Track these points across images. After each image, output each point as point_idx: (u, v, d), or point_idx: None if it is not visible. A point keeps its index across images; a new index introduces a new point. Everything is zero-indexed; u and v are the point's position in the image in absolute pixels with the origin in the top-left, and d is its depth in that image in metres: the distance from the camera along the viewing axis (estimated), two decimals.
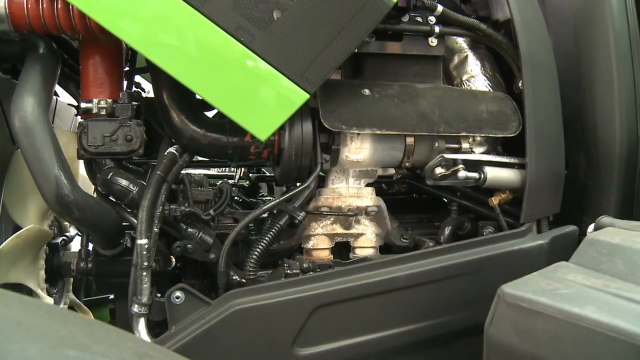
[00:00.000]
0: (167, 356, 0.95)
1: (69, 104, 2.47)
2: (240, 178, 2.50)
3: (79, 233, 2.32)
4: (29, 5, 1.67)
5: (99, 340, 0.85)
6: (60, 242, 2.15)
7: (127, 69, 2.09)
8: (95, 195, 1.85)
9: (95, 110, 1.79)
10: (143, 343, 0.97)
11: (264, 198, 2.32)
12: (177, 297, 1.71)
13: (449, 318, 1.88)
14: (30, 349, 0.73)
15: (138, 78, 2.33)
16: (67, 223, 2.26)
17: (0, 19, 1.66)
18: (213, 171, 2.87)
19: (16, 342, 0.74)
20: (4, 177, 1.77)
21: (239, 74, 1.66)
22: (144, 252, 1.66)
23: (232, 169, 2.71)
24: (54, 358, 0.75)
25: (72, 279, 2.28)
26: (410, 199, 2.58)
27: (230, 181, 2.36)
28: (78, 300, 2.38)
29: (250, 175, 2.49)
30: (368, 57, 2.05)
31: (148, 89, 2.39)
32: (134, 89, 2.12)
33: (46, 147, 1.64)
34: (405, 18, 2.04)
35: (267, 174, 2.59)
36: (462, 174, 1.93)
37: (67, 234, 2.26)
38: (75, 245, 2.29)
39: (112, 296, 2.28)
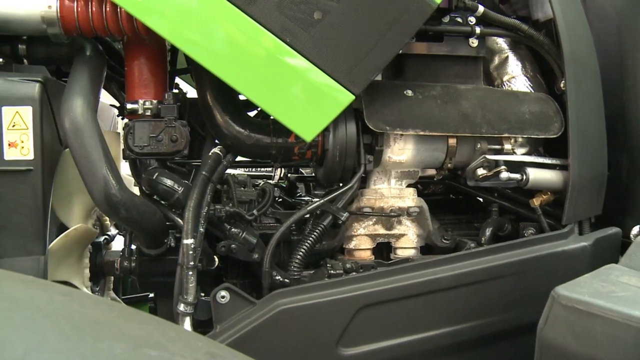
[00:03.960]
0: (235, 356, 0.96)
1: (110, 105, 2.49)
2: (279, 178, 2.51)
3: (120, 232, 2.35)
4: (79, 9, 1.69)
5: (173, 339, 0.87)
6: (103, 240, 2.18)
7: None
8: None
9: (140, 111, 1.81)
10: (211, 343, 0.98)
11: (302, 198, 2.33)
12: (223, 297, 1.73)
13: (492, 319, 1.88)
14: (116, 348, 0.74)
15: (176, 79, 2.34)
16: (108, 222, 2.28)
17: (51, 22, 1.69)
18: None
19: (102, 340, 0.75)
20: (52, 177, 1.79)
21: (284, 75, 1.67)
22: (190, 252, 1.67)
23: (269, 169, 2.73)
24: (137, 357, 0.76)
25: (112, 277, 2.30)
26: (447, 199, 2.57)
27: (270, 181, 2.37)
28: (118, 298, 2.40)
29: (289, 175, 2.50)
30: (409, 57, 2.05)
31: (185, 90, 2.41)
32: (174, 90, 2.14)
33: (95, 148, 1.67)
34: (446, 19, 2.04)
35: (305, 173, 2.59)
36: (505, 175, 1.92)
37: (109, 232, 2.28)
38: (116, 244, 2.32)
39: (151, 295, 2.31)
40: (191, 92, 2.20)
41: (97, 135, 1.68)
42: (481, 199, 2.38)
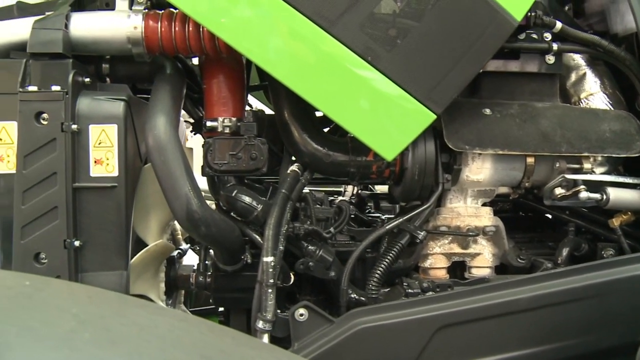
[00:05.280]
0: None
1: (185, 120, 2.54)
2: (352, 195, 2.51)
3: (192, 247, 2.38)
4: (163, 29, 1.73)
5: None
6: (176, 255, 2.21)
7: None
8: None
9: (220, 129, 1.84)
10: None
11: (373, 214, 2.32)
12: (301, 315, 1.74)
13: (571, 342, 1.83)
14: None
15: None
16: (180, 236, 2.31)
17: (136, 42, 1.73)
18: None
19: None
20: (134, 193, 1.83)
21: (366, 94, 1.68)
22: (270, 270, 1.69)
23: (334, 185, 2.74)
24: None
25: (183, 290, 2.33)
26: (516, 217, 2.53)
27: (340, 198, 2.37)
28: (188, 311, 2.44)
29: (360, 192, 2.50)
30: (484, 75, 2.03)
31: (254, 107, 2.44)
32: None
33: (178, 165, 1.69)
34: (522, 36, 2.02)
35: (375, 190, 2.59)
36: (584, 195, 1.88)
37: (181, 247, 2.31)
38: (187, 258, 2.35)
39: (220, 308, 2.33)
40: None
41: (180, 153, 1.71)
42: (550, 216, 2.34)
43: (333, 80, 1.65)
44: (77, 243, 1.69)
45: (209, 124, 1.85)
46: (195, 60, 2.15)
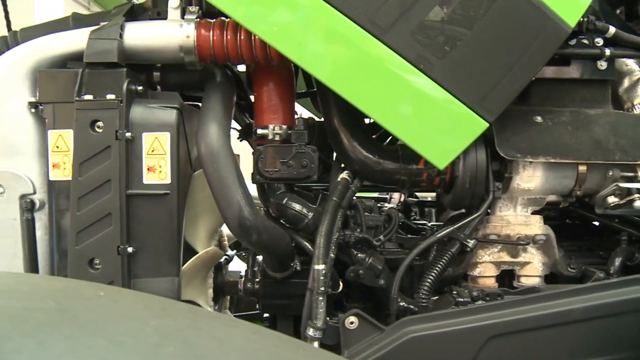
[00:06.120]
0: None
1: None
2: (398, 202, 2.51)
3: (237, 254, 2.40)
4: (215, 38, 1.75)
5: None
6: (223, 261, 2.23)
7: None
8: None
9: (270, 136, 1.85)
10: None
11: (418, 221, 2.31)
12: (352, 323, 1.74)
13: (626, 355, 1.80)
14: None
15: None
16: (226, 242, 2.33)
17: (188, 51, 1.75)
18: None
19: None
20: (185, 200, 1.85)
21: (418, 102, 1.67)
22: (321, 278, 1.69)
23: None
24: None
25: (229, 296, 2.35)
26: (563, 224, 2.50)
27: (389, 206, 2.37)
28: (233, 317, 2.45)
29: (408, 199, 2.49)
30: (534, 82, 1.99)
31: (300, 113, 2.44)
32: None
33: (230, 173, 1.70)
34: (573, 41, 1.99)
35: (420, 198, 2.58)
36: (639, 203, 1.85)
37: (228, 253, 2.33)
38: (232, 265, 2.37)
39: (266, 315, 2.34)
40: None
41: (232, 161, 1.72)
42: (597, 224, 2.31)
43: (387, 89, 1.65)
44: (130, 249, 1.71)
45: (259, 131, 1.86)
46: (241, 68, 2.17)
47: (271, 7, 1.63)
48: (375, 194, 2.81)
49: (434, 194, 2.79)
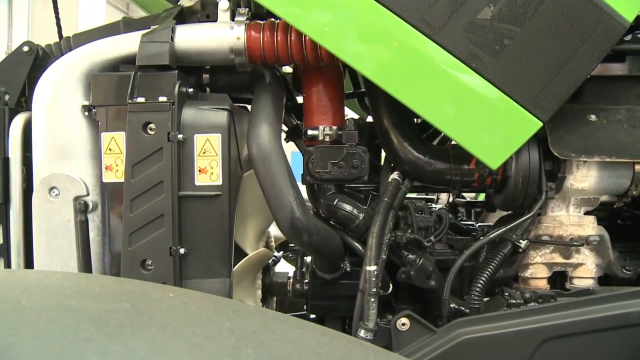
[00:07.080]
0: None
1: None
2: (446, 203, 2.49)
3: (284, 255, 2.40)
4: (265, 39, 1.75)
5: None
6: (271, 262, 2.24)
7: None
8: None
9: (321, 137, 1.85)
10: None
11: (467, 222, 2.29)
12: (403, 324, 1.73)
13: None
14: None
15: None
16: (273, 243, 2.34)
17: (239, 52, 1.76)
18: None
19: None
20: (235, 202, 1.85)
21: (471, 101, 1.66)
22: (373, 279, 1.68)
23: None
24: None
25: (275, 297, 2.36)
26: (615, 224, 2.45)
27: (439, 206, 2.35)
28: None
29: (456, 199, 2.47)
30: (587, 79, 1.96)
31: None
32: None
33: (282, 174, 1.70)
34: (628, 37, 1.94)
35: (467, 198, 2.56)
36: None
37: (275, 254, 2.34)
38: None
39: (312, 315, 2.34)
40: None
41: (284, 162, 1.72)
42: None
43: (439, 88, 1.64)
44: (182, 250, 1.72)
45: (309, 132, 1.86)
46: (287, 69, 2.17)
47: (322, 8, 1.63)
48: (417, 195, 2.78)
49: (472, 194, 2.78)
